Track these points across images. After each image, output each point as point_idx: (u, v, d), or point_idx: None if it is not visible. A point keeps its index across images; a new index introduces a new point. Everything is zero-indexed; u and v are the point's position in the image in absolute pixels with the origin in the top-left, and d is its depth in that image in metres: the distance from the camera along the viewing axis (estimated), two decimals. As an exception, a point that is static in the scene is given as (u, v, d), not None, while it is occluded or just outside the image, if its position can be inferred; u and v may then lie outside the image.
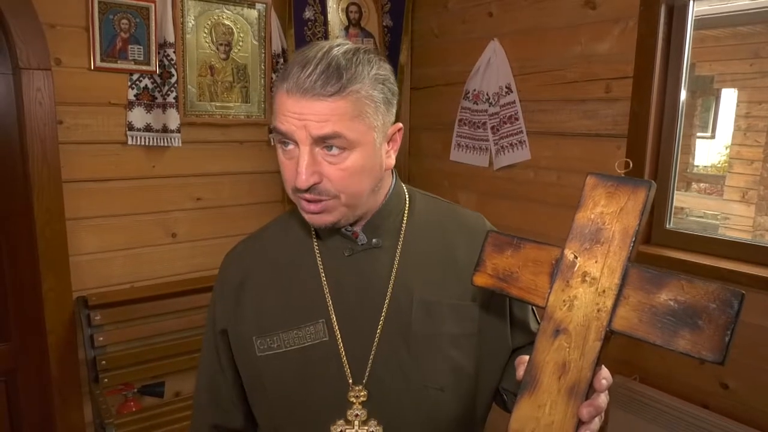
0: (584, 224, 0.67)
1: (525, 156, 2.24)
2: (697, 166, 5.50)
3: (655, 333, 0.61)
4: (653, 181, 0.65)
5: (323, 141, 0.79)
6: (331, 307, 0.88)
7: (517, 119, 2.24)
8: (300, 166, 0.79)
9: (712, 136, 5.95)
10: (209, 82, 2.33)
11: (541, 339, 0.66)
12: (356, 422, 0.85)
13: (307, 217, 0.86)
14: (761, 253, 1.69)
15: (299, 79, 0.77)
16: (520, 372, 0.68)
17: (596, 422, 0.64)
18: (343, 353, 0.87)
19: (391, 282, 0.89)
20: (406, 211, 0.95)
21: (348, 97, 0.78)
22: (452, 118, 2.54)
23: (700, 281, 0.60)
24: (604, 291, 0.64)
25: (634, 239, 0.64)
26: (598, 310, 0.64)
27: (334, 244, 0.91)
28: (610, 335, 0.64)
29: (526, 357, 0.68)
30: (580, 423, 0.63)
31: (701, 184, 5.29)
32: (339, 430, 0.86)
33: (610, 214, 0.66)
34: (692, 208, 4.89)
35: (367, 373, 0.86)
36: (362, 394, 0.86)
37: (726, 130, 4.95)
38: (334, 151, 0.80)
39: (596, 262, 0.65)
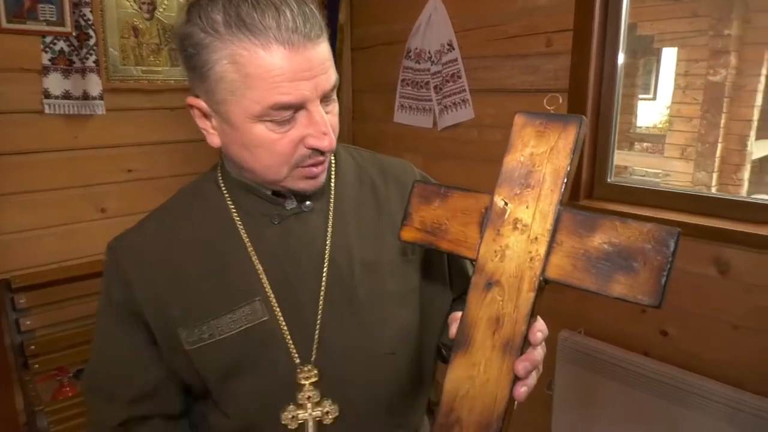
0: (513, 167, 0.62)
1: (469, 115, 2.20)
2: (640, 127, 5.63)
3: (590, 279, 0.57)
4: (584, 117, 0.61)
5: (330, 93, 0.72)
6: (265, 283, 0.80)
7: (459, 77, 2.19)
8: (324, 127, 0.71)
9: (654, 98, 6.09)
10: (133, 44, 2.17)
11: (473, 293, 0.62)
12: (309, 405, 0.79)
13: (308, 184, 0.77)
14: (697, 203, 1.72)
15: (291, 24, 0.65)
16: (453, 330, 0.63)
17: (533, 377, 0.62)
18: (286, 331, 0.79)
19: (328, 246, 0.82)
20: (332, 168, 0.87)
21: (324, 35, 0.71)
22: (395, 79, 2.47)
23: (634, 222, 0.57)
24: (536, 238, 0.60)
25: (565, 180, 0.60)
26: (531, 259, 0.60)
27: (257, 212, 0.82)
28: (544, 285, 0.60)
29: (459, 314, 0.63)
30: (517, 379, 0.60)
31: (644, 144, 5.42)
32: (290, 416, 0.79)
33: (540, 155, 0.61)
34: (635, 166, 5.02)
35: (314, 350, 0.80)
36: (312, 373, 0.79)
37: (666, 90, 5.07)
38: (331, 100, 0.74)
39: (527, 207, 0.61)
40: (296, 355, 0.79)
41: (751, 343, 1.58)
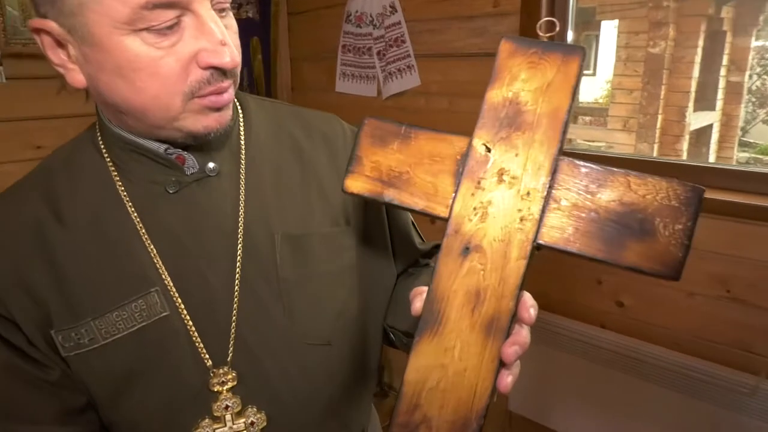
0: (499, 105, 0.49)
1: (414, 82, 2.07)
2: (582, 102, 5.73)
3: (597, 245, 0.46)
4: (584, 47, 0.49)
5: None
6: (162, 269, 0.63)
7: (403, 41, 2.05)
8: (221, 35, 0.55)
9: (594, 74, 6.22)
10: (36, 1, 1.91)
11: (445, 260, 0.49)
12: (228, 416, 0.64)
13: (213, 119, 0.60)
14: (648, 168, 1.68)
15: None
16: (417, 305, 0.50)
17: (518, 363, 0.50)
18: (193, 328, 0.64)
19: (241, 218, 0.66)
20: (241, 124, 0.71)
21: None
22: (335, 45, 2.30)
23: (651, 177, 0.46)
24: (528, 193, 0.48)
25: (565, 123, 0.48)
26: (522, 219, 0.47)
27: (148, 179, 0.64)
28: (536, 251, 0.48)
29: (424, 288, 0.50)
30: (501, 366, 0.48)
31: (587, 118, 5.51)
32: None
33: (533, 92, 0.49)
34: (579, 139, 5.09)
35: (231, 348, 0.65)
36: (229, 377, 0.64)
37: (606, 66, 5.17)
38: (227, 12, 0.58)
39: (517, 155, 0.48)
40: (207, 357, 0.64)
41: (706, 310, 1.56)
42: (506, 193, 0.48)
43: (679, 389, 1.54)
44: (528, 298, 0.50)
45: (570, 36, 1.78)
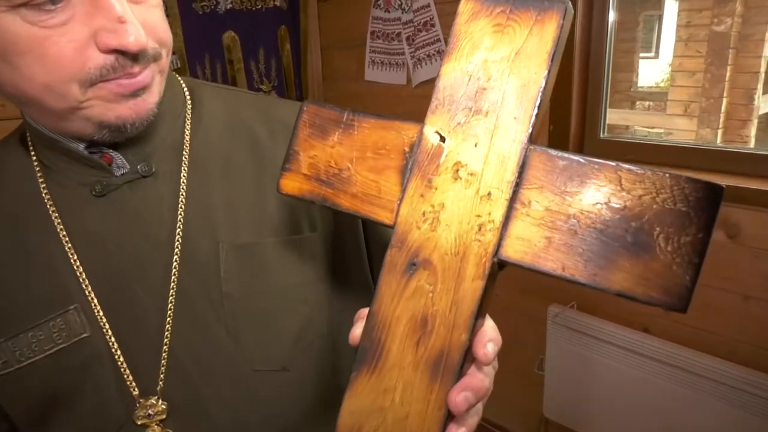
0: (457, 81, 0.39)
1: (445, 68, 1.97)
2: (642, 87, 5.39)
3: (576, 263, 0.35)
4: (569, 2, 0.38)
5: None
6: (86, 283, 0.56)
7: (433, 25, 1.95)
8: (121, 11, 0.46)
9: (656, 56, 5.85)
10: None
11: (387, 279, 0.40)
12: None
13: (127, 108, 0.51)
14: (703, 157, 1.52)
15: None
16: (357, 332, 0.41)
17: (478, 410, 0.40)
18: (118, 351, 0.56)
19: (180, 226, 0.58)
20: (188, 115, 0.62)
21: None
22: (365, 32, 2.23)
23: (651, 171, 0.35)
24: (489, 194, 0.38)
25: (539, 102, 0.37)
26: (480, 227, 0.37)
27: (78, 181, 0.57)
28: (498, 269, 0.38)
29: (366, 310, 0.41)
30: (451, 416, 0.38)
31: (646, 103, 5.19)
32: None
33: (498, 62, 0.38)
34: (636, 125, 4.80)
35: (162, 375, 0.57)
36: (159, 408, 0.57)
37: (669, 47, 4.85)
38: None
39: (476, 145, 0.38)
40: (134, 385, 0.56)
41: (764, 315, 1.41)
42: (462, 193, 0.38)
43: (733, 404, 1.40)
44: (488, 329, 0.40)
45: (612, 16, 1.62)
